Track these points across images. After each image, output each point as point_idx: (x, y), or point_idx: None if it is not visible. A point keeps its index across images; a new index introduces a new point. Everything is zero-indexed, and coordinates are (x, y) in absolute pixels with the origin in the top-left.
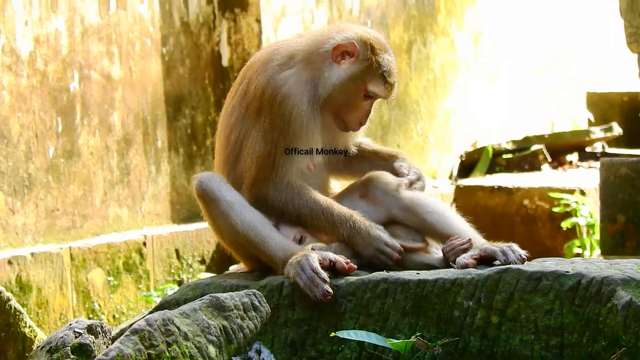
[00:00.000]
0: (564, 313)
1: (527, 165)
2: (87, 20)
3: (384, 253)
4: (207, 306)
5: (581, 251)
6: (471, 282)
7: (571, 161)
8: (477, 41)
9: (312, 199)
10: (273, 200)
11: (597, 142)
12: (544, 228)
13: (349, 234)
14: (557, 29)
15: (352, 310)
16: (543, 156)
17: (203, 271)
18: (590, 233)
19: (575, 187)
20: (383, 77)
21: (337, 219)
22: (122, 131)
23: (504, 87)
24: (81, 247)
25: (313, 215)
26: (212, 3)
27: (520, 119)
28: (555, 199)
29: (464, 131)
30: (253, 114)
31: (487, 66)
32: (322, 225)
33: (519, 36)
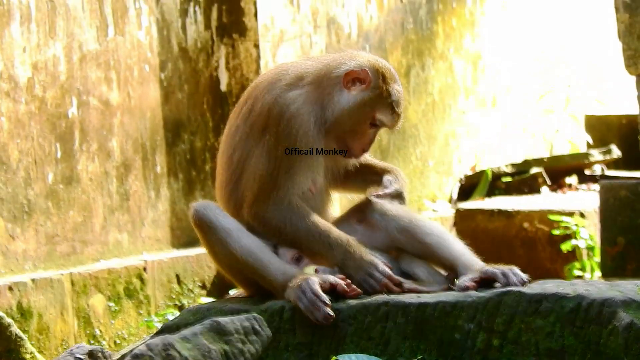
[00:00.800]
0: (565, 335)
1: (527, 188)
2: (85, 46)
3: (373, 277)
4: (207, 330)
5: (582, 274)
6: (472, 305)
7: (570, 184)
8: (475, 65)
9: (310, 221)
10: (271, 220)
11: (596, 165)
12: (544, 251)
13: (343, 257)
14: (555, 53)
15: (353, 334)
16: (542, 179)
17: (204, 296)
18: (591, 255)
19: (575, 210)
20: (392, 107)
21: (333, 241)
22: (121, 157)
23: (503, 111)
24: (82, 272)
25: (309, 236)
26: (210, 28)
27: (520, 142)
28: (555, 221)
29: (463, 155)
30: (257, 132)
31: (485, 90)
32: (317, 248)
33: (518, 60)
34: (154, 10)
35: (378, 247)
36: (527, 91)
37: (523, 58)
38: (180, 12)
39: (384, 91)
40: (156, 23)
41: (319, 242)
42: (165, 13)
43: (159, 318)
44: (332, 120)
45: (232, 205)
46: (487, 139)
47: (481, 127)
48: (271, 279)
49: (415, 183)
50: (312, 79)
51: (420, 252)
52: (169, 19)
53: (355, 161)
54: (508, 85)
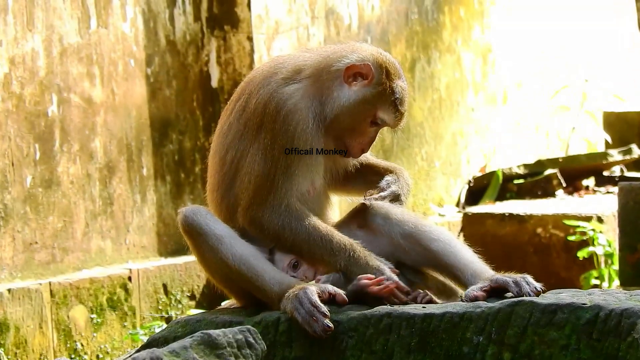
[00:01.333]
0: (581, 348)
1: (540, 190)
2: (65, 39)
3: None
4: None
5: (599, 282)
6: (481, 316)
7: (587, 186)
8: (485, 59)
9: (311, 225)
10: (268, 224)
11: (615, 166)
12: (558, 258)
13: (347, 263)
14: (571, 46)
15: (353, 347)
16: (557, 181)
17: (193, 307)
18: (609, 263)
19: (592, 214)
20: (395, 105)
21: (335, 246)
22: (105, 158)
23: (515, 108)
24: (62, 282)
25: (310, 241)
26: (200, 20)
27: (533, 142)
28: (571, 226)
29: (472, 155)
30: (252, 130)
31: (496, 85)
32: (318, 253)
33: (531, 53)
34: (140, 1)
35: (380, 254)
36: (540, 86)
37: (536, 51)
38: (167, 2)
39: (387, 88)
40: (142, 14)
41: (321, 247)
42: (151, 3)
43: (145, 331)
44: (332, 117)
45: (225, 210)
46: (497, 138)
47: (491, 125)
48: (266, 288)
49: (420, 185)
50: (310, 72)
51: (426, 259)
52: (156, 10)
53: (355, 161)
54: (520, 80)
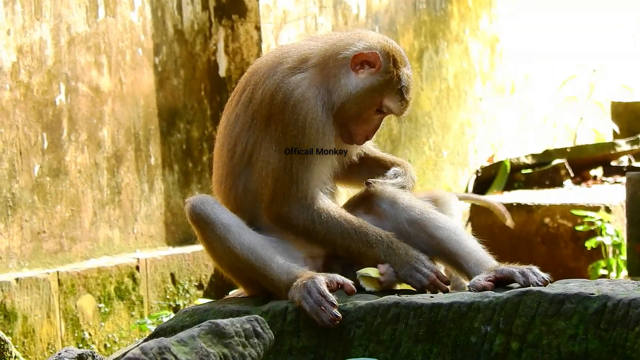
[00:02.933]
0: (589, 338)
1: (548, 180)
2: (73, 28)
3: (420, 272)
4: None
5: (607, 272)
6: (489, 306)
7: (595, 176)
8: (493, 48)
9: (342, 218)
10: (298, 219)
11: (623, 156)
12: (566, 248)
13: (385, 254)
14: (579, 35)
15: (361, 337)
16: (565, 171)
17: (200, 297)
18: (617, 253)
19: (600, 204)
20: (401, 93)
21: (372, 238)
22: (113, 147)
23: (523, 98)
24: (69, 271)
25: (344, 235)
26: (208, 9)
27: (540, 132)
28: (579, 216)
29: (480, 145)
30: (261, 122)
31: (504, 75)
32: (354, 247)
33: (538, 43)
34: None
35: None
36: (548, 76)
37: (544, 41)
38: None
39: (394, 76)
40: (150, 3)
41: (357, 241)
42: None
43: (153, 320)
44: (339, 105)
45: (233, 201)
46: (505, 128)
47: (499, 115)
48: (274, 278)
49: (428, 175)
50: (316, 61)
51: (430, 246)
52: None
53: (361, 151)
54: (528, 70)
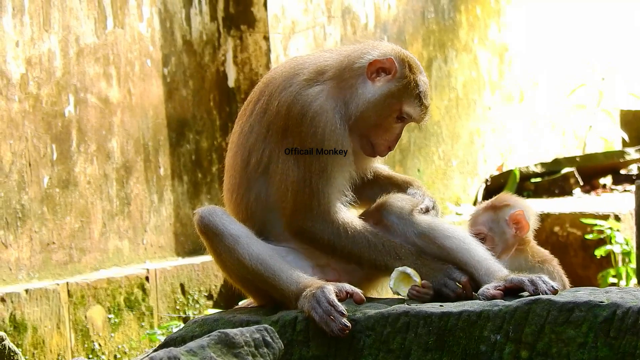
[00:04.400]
0: (599, 346)
1: (558, 189)
2: (82, 39)
3: (454, 279)
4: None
5: (616, 281)
6: (498, 315)
7: (605, 184)
8: (502, 57)
9: (368, 231)
10: (322, 234)
11: (632, 164)
12: (576, 256)
13: (416, 266)
14: (587, 44)
15: (371, 346)
16: (574, 179)
17: (210, 307)
18: (626, 261)
19: (610, 212)
20: (420, 98)
21: (401, 251)
22: (122, 158)
23: (532, 106)
24: (79, 282)
25: (372, 248)
26: (217, 20)
27: (550, 140)
28: (588, 225)
29: (489, 154)
30: (277, 133)
31: (513, 84)
32: (382, 260)
33: (547, 52)
34: (156, 1)
35: None
36: (557, 85)
37: (553, 49)
38: (184, 2)
39: (411, 81)
40: (158, 14)
41: (385, 254)
42: (168, 3)
43: (162, 331)
44: (358, 115)
45: (244, 210)
46: (514, 137)
47: (508, 124)
48: (283, 288)
49: (437, 184)
50: (333, 73)
51: (440, 256)
52: (172, 10)
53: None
54: (537, 79)
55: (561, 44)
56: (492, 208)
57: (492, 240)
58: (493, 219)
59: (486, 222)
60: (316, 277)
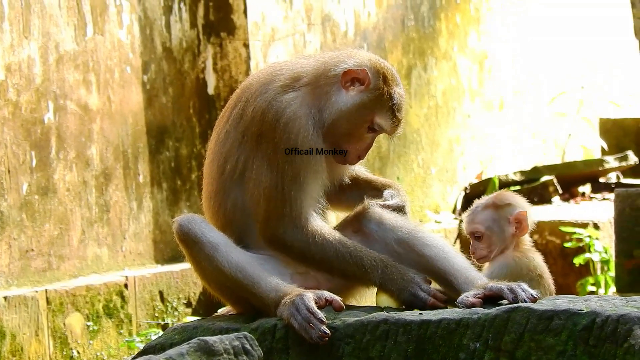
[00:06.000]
0: (578, 354)
1: (537, 197)
2: (62, 46)
3: (418, 297)
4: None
5: (595, 289)
6: (478, 322)
7: (584, 193)
8: (481, 65)
9: (337, 240)
10: (293, 241)
11: (611, 172)
12: (555, 264)
13: (382, 279)
14: (567, 52)
15: (350, 354)
16: (553, 188)
17: (189, 314)
18: (605, 269)
19: (589, 221)
20: (392, 110)
21: (367, 263)
22: (101, 165)
23: (511, 114)
24: (58, 290)
25: (340, 258)
26: (197, 27)
27: (529, 148)
28: (567, 233)
29: (469, 162)
30: (252, 140)
31: (492, 92)
32: (350, 271)
33: (527, 59)
34: (136, 8)
35: None
36: (537, 93)
37: (533, 57)
38: (164, 9)
39: (384, 93)
40: (138, 21)
41: (352, 265)
42: (147, 10)
43: (141, 338)
44: (330, 122)
45: (222, 217)
46: (494, 145)
47: (488, 131)
48: (262, 295)
49: (417, 192)
50: (308, 80)
51: (419, 265)
52: (152, 17)
53: (353, 173)
54: (516, 87)
55: (541, 51)
56: (493, 206)
57: (488, 239)
58: (494, 218)
59: (485, 221)
60: (295, 284)
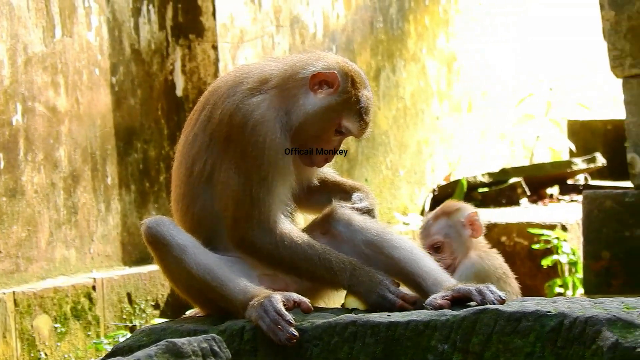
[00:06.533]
0: (546, 356)
1: (505, 199)
2: (30, 48)
3: (387, 299)
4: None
5: (563, 291)
6: (446, 324)
7: (552, 194)
8: (450, 67)
9: (305, 243)
10: (261, 244)
11: (579, 174)
12: (523, 266)
13: (350, 282)
14: (536, 54)
15: (318, 356)
16: (522, 189)
17: (157, 316)
18: (573, 271)
19: (557, 222)
20: (360, 114)
21: (335, 265)
22: (69, 167)
23: (480, 116)
24: (26, 291)
25: (308, 261)
26: (165, 29)
27: (497, 150)
28: (535, 235)
29: (437, 164)
30: (219, 142)
31: (461, 94)
32: (319, 273)
33: (495, 61)
34: (105, 10)
35: None
36: (505, 95)
37: (501, 59)
38: (132, 11)
39: (352, 96)
40: (107, 23)
41: (320, 267)
42: (116, 12)
43: (109, 340)
44: (297, 125)
45: (190, 220)
46: (462, 147)
47: (456, 133)
48: (231, 297)
49: (385, 194)
50: (276, 82)
51: (388, 267)
52: (121, 19)
53: (321, 175)
54: (485, 89)
55: (509, 53)
56: (444, 214)
57: (449, 246)
58: (449, 225)
59: (441, 230)
60: (264, 286)
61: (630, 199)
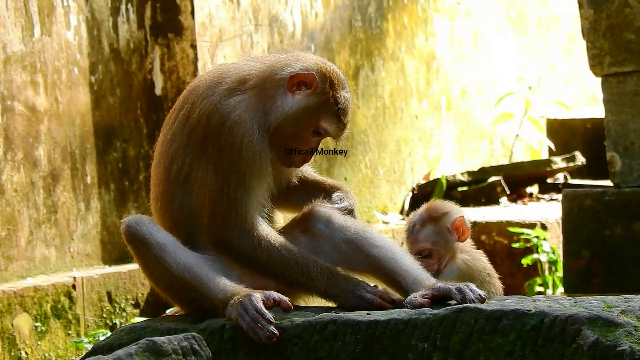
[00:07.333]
0: (526, 355)
1: (484, 198)
2: (9, 47)
3: (365, 300)
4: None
5: (543, 289)
6: (426, 323)
7: (531, 193)
8: (429, 66)
9: (283, 246)
10: (239, 245)
11: (559, 173)
12: (502, 265)
13: (327, 286)
14: (515, 53)
15: (298, 354)
16: (501, 188)
17: (137, 315)
18: (553, 270)
19: (536, 221)
20: (338, 115)
21: (312, 270)
22: (49, 166)
23: (459, 115)
24: (6, 290)
25: (285, 265)
26: (144, 28)
27: (477, 149)
28: (515, 233)
29: (416, 162)
30: (197, 142)
31: (440, 92)
32: (295, 277)
33: (474, 60)
34: (83, 9)
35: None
36: (485, 94)
37: (480, 58)
38: (111, 10)
39: (330, 97)
40: (85, 22)
41: (297, 272)
42: (95, 11)
43: (89, 339)
44: (275, 126)
45: (169, 219)
46: (441, 145)
47: (435, 132)
48: (211, 296)
49: (364, 193)
50: (254, 82)
51: (367, 265)
52: (100, 18)
53: (301, 174)
54: (464, 88)
55: (489, 52)
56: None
57: (437, 253)
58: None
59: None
60: (244, 285)
61: (610, 198)
